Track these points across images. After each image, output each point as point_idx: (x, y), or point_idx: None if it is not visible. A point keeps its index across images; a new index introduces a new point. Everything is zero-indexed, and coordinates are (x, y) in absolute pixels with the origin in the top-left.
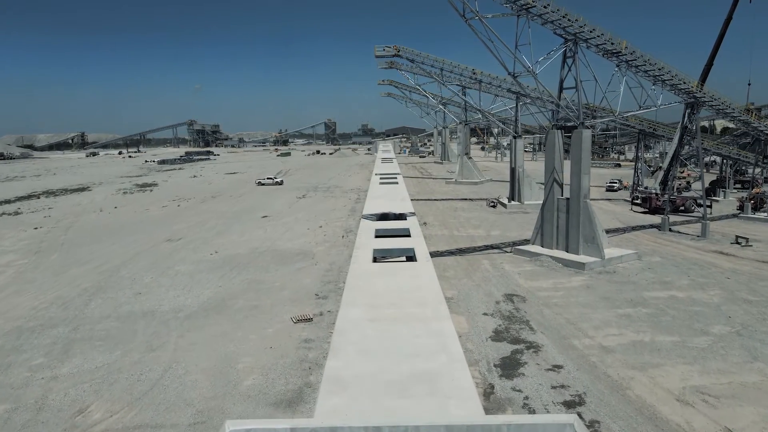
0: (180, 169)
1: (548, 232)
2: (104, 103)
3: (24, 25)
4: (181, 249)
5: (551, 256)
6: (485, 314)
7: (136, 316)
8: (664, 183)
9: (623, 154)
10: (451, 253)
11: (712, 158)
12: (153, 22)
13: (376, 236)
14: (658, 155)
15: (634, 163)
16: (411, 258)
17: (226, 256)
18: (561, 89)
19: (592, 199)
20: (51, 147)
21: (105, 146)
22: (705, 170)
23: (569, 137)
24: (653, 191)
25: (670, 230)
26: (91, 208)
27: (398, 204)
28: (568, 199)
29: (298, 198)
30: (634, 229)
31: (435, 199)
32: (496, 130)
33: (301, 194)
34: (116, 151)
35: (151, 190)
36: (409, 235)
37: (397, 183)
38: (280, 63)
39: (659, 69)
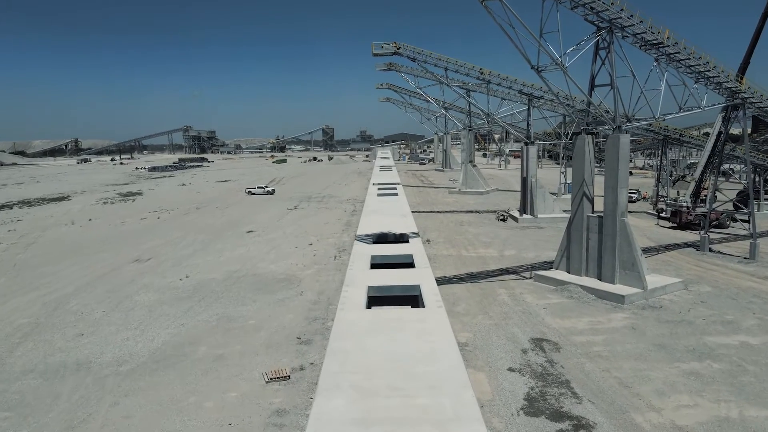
0: (170, 176)
1: (576, 255)
2: (101, 110)
3: (21, 30)
4: (148, 272)
5: (581, 285)
6: (511, 370)
7: (67, 370)
8: (695, 195)
9: (631, 161)
10: (460, 279)
11: (731, 167)
12: (151, 27)
13: (373, 266)
14: (671, 163)
15: (657, 173)
16: (416, 300)
17: (197, 283)
18: (592, 87)
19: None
20: (45, 153)
21: (99, 152)
22: (725, 180)
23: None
24: (684, 204)
25: (711, 250)
26: (63, 221)
27: (398, 221)
28: (600, 216)
29: (289, 210)
30: (667, 248)
31: (438, 212)
32: (497, 136)
33: (292, 205)
34: (109, 158)
35: (133, 200)
36: (412, 265)
37: (396, 195)
38: (278, 69)
39: (705, 63)
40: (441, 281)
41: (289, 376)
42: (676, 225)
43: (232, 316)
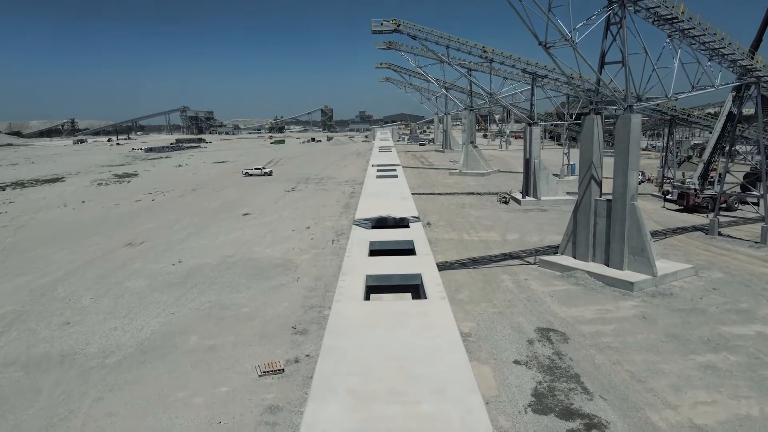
0: (167, 157)
1: (583, 240)
2: (98, 90)
3: (17, 10)
4: (140, 257)
5: (588, 272)
6: (517, 362)
7: (50, 362)
8: (703, 177)
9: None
10: (462, 264)
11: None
12: (149, 7)
13: (371, 253)
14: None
15: (662, 154)
16: (418, 290)
17: (190, 268)
18: (602, 64)
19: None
20: (41, 134)
21: (96, 133)
22: (731, 162)
23: (579, 125)
24: (691, 186)
25: (720, 234)
26: (55, 203)
27: (398, 204)
28: (609, 200)
29: (287, 191)
30: (674, 232)
31: (438, 193)
32: (498, 116)
33: (290, 187)
34: (106, 139)
35: (128, 182)
36: (413, 252)
37: (396, 177)
38: (277, 49)
39: (720, 40)
40: (442, 266)
41: (283, 369)
42: (682, 208)
43: (225, 304)
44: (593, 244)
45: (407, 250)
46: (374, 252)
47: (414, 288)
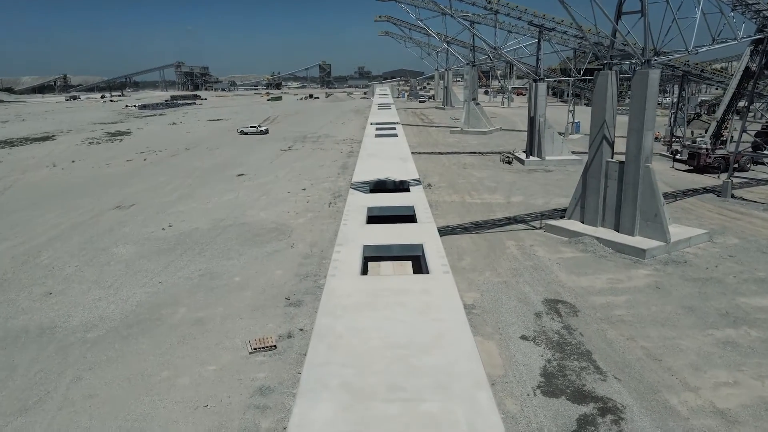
0: (161, 115)
1: (592, 204)
2: (91, 45)
3: None
4: (129, 221)
5: (597, 237)
6: (524, 338)
7: (28, 336)
8: (716, 136)
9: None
10: (465, 229)
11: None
12: None
13: (369, 220)
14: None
15: (672, 112)
16: (419, 262)
17: (180, 233)
18: (619, 14)
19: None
20: (33, 90)
21: (90, 89)
22: (740, 118)
23: (585, 80)
24: (703, 146)
25: (733, 197)
26: (44, 163)
27: (398, 166)
28: (621, 162)
29: (283, 150)
30: (685, 194)
31: (439, 153)
32: (500, 72)
33: (286, 146)
34: (99, 95)
35: (121, 140)
36: (414, 218)
37: (396, 136)
38: (274, 1)
39: None
40: (444, 231)
41: (275, 346)
42: (692, 168)
43: (216, 272)
44: (603, 209)
45: (407, 216)
46: (372, 219)
47: (415, 259)
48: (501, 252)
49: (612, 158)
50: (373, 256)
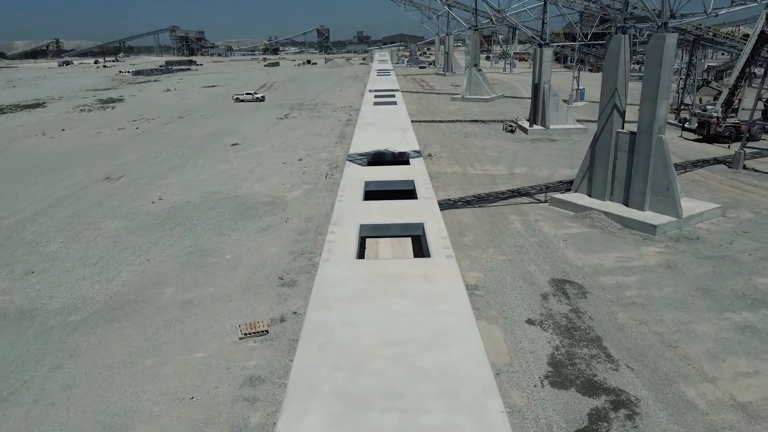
0: (155, 81)
1: (600, 177)
2: (85, 9)
3: None
4: (118, 193)
5: (605, 212)
6: (530, 322)
7: (6, 319)
8: (727, 104)
9: (641, 63)
10: (467, 202)
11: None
12: None
13: (367, 195)
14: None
15: (680, 78)
16: (419, 242)
17: (170, 207)
18: None
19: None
20: (26, 55)
21: (83, 54)
22: (748, 85)
23: (591, 46)
24: (714, 114)
25: (745, 168)
26: (33, 131)
27: (397, 136)
28: (632, 133)
29: (279, 119)
30: (695, 165)
31: (440, 121)
32: (502, 37)
33: (282, 114)
34: (92, 60)
35: (113, 108)
36: (414, 194)
37: (395, 104)
38: None
39: None
40: (445, 205)
41: (266, 331)
42: (702, 137)
43: (207, 249)
44: (612, 182)
45: (407, 191)
46: (370, 194)
47: (415, 238)
48: (505, 227)
49: (623, 129)
50: (370, 236)
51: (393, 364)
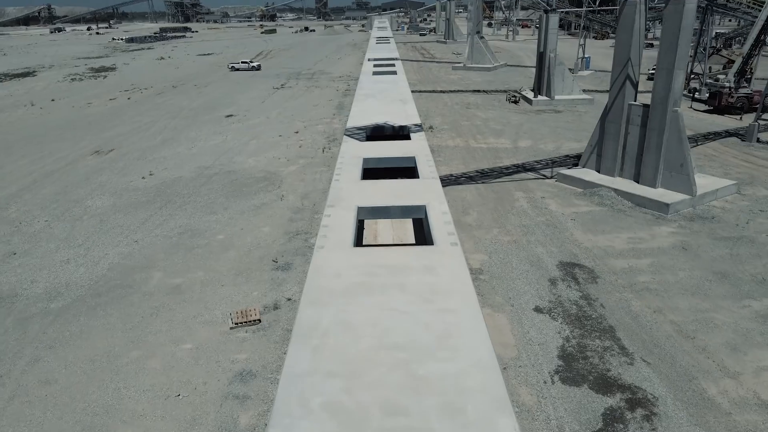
0: (149, 49)
1: (610, 152)
2: None
3: None
4: (107, 168)
5: (614, 189)
6: (538, 310)
7: None
8: (740, 74)
9: (649, 31)
10: (469, 178)
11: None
12: None
13: (365, 172)
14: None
15: (691, 46)
16: (421, 226)
17: (161, 183)
18: None
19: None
20: (18, 22)
21: (76, 20)
22: (759, 53)
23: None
24: (726, 84)
25: (759, 141)
26: (22, 101)
27: (398, 108)
28: (645, 105)
29: (275, 89)
30: (707, 138)
31: (441, 91)
32: (504, 2)
33: (279, 83)
34: (85, 27)
35: (105, 77)
36: (415, 172)
37: (395, 73)
38: None
39: None
40: (447, 181)
41: (259, 320)
42: (712, 108)
43: (198, 229)
44: (622, 157)
45: (408, 169)
46: (369, 172)
47: (417, 225)
48: (510, 205)
49: (635, 101)
50: (368, 219)
51: (393, 373)
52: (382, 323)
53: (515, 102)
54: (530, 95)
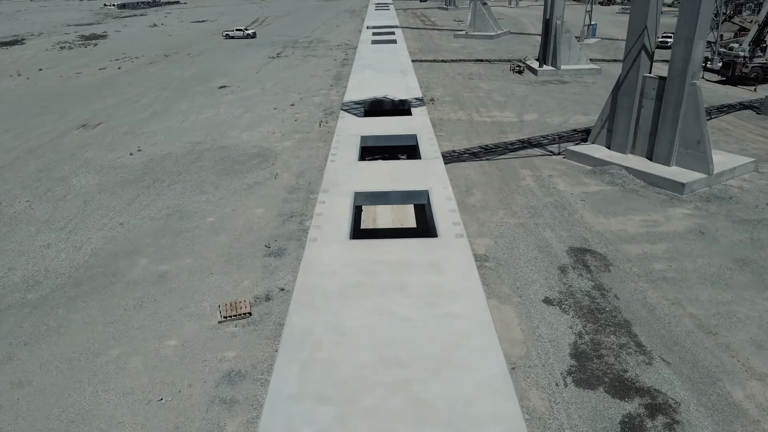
0: (142, 15)
1: (621, 127)
2: None
3: None
4: (94, 143)
5: (626, 167)
6: (548, 302)
7: None
8: (756, 43)
9: None
10: (473, 155)
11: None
12: None
13: (363, 151)
14: None
15: None
16: (422, 215)
17: (149, 159)
18: None
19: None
20: None
21: None
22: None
23: None
24: (740, 54)
25: None
26: (8, 71)
27: (397, 80)
28: (661, 78)
29: (271, 58)
30: (720, 110)
31: (442, 60)
32: None
33: (275, 52)
34: None
35: (95, 45)
36: (417, 152)
37: (395, 42)
38: None
39: None
40: (449, 157)
41: (250, 313)
42: (725, 78)
43: (187, 211)
44: (635, 133)
45: (409, 148)
46: (367, 152)
47: (419, 213)
48: (515, 184)
49: (650, 72)
50: (366, 205)
51: (393, 396)
52: (381, 332)
53: (519, 72)
54: (535, 65)
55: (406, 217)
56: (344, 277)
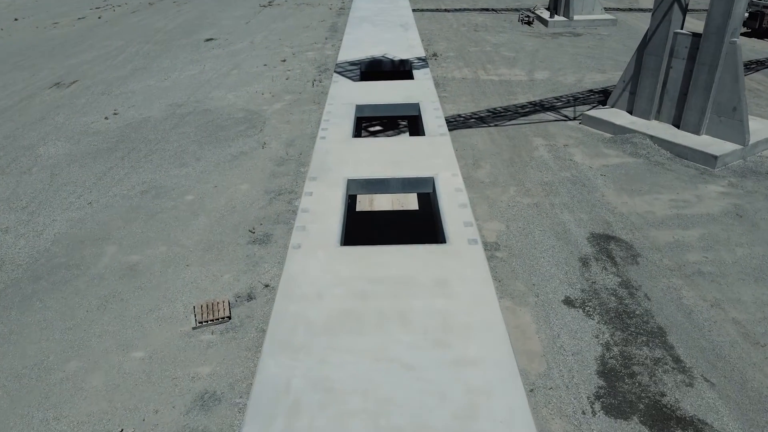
0: None
1: (646, 90)
2: None
3: None
4: (66, 105)
5: (650, 136)
6: (569, 303)
7: None
8: None
9: None
10: (479, 119)
11: None
12: None
13: (357, 127)
14: None
15: None
16: (426, 201)
17: (126, 124)
18: None
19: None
20: None
21: None
22: None
23: None
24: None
25: None
26: None
27: (398, 36)
28: (695, 35)
29: (262, 6)
30: (748, 68)
31: (445, 10)
32: None
33: (266, 0)
34: None
35: None
36: (421, 128)
37: None
38: None
39: None
40: (454, 123)
41: (229, 317)
42: (751, 31)
43: (164, 187)
44: (661, 96)
45: (411, 119)
46: (362, 123)
47: (423, 199)
48: (528, 156)
49: (682, 28)
50: (362, 194)
51: None
52: (378, 388)
53: (529, 23)
54: (546, 15)
55: (407, 198)
56: (333, 302)
